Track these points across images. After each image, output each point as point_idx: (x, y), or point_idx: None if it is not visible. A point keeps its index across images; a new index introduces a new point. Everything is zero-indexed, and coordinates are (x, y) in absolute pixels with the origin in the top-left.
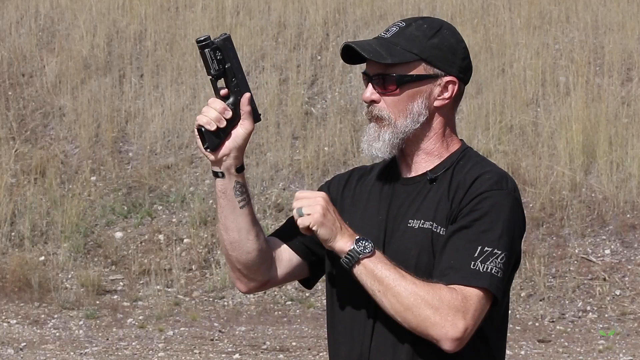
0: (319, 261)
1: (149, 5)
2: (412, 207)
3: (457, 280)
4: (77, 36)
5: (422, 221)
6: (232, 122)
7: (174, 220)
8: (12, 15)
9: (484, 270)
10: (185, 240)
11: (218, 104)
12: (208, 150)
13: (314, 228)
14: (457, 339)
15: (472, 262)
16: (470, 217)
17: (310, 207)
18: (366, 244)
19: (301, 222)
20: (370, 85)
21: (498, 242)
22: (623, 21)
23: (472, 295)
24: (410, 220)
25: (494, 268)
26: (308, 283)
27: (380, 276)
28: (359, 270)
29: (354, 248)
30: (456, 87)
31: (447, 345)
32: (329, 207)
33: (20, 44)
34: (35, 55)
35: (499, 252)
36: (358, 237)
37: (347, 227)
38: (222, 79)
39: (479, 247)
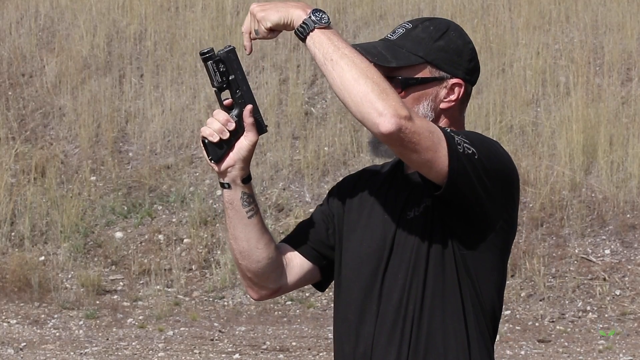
0: (330, 264)
1: (149, 5)
2: (408, 199)
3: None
4: (77, 36)
5: (415, 209)
6: (237, 134)
7: (174, 220)
8: (12, 15)
9: (450, 133)
10: (185, 240)
11: (222, 115)
12: (212, 161)
13: (267, 24)
14: (399, 118)
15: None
16: None
17: (252, 23)
18: (323, 15)
19: (260, 32)
20: None
21: (472, 143)
22: (623, 21)
23: (428, 122)
24: (408, 213)
25: (461, 142)
26: (321, 286)
27: (337, 44)
28: (313, 39)
29: (309, 16)
30: (462, 89)
31: (387, 121)
32: (261, 4)
33: (20, 44)
34: (35, 55)
35: (473, 148)
36: (314, 8)
37: (297, 2)
38: (227, 90)
39: (454, 133)
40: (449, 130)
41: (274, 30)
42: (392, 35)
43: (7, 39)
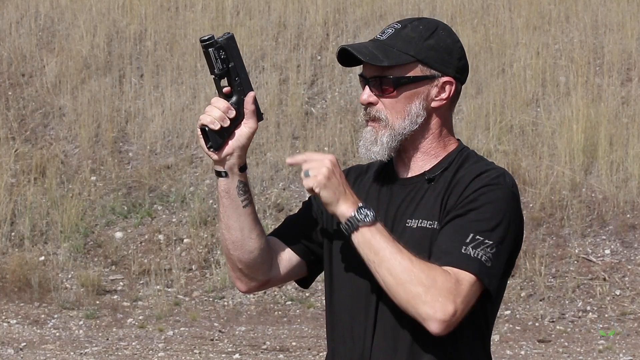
0: (317, 260)
1: (149, 5)
2: (410, 207)
3: (449, 262)
4: (77, 36)
5: (420, 220)
6: (235, 122)
7: (174, 220)
8: (12, 15)
9: (474, 256)
10: (185, 240)
11: (222, 103)
12: (211, 149)
13: (316, 190)
14: (445, 322)
15: (464, 247)
16: (465, 207)
17: (316, 169)
18: (368, 212)
19: (305, 184)
20: (367, 87)
21: (490, 233)
22: (623, 21)
23: (464, 279)
24: (408, 220)
25: (484, 256)
26: (305, 282)
27: (377, 247)
28: (357, 238)
29: (354, 215)
30: (453, 87)
31: (434, 327)
32: (335, 170)
33: (20, 44)
34: (35, 55)
35: (490, 242)
36: (361, 204)
37: (352, 193)
38: (225, 78)
39: (471, 234)
40: (482, 256)
41: (314, 193)
42: (381, 36)
43: (7, 39)
